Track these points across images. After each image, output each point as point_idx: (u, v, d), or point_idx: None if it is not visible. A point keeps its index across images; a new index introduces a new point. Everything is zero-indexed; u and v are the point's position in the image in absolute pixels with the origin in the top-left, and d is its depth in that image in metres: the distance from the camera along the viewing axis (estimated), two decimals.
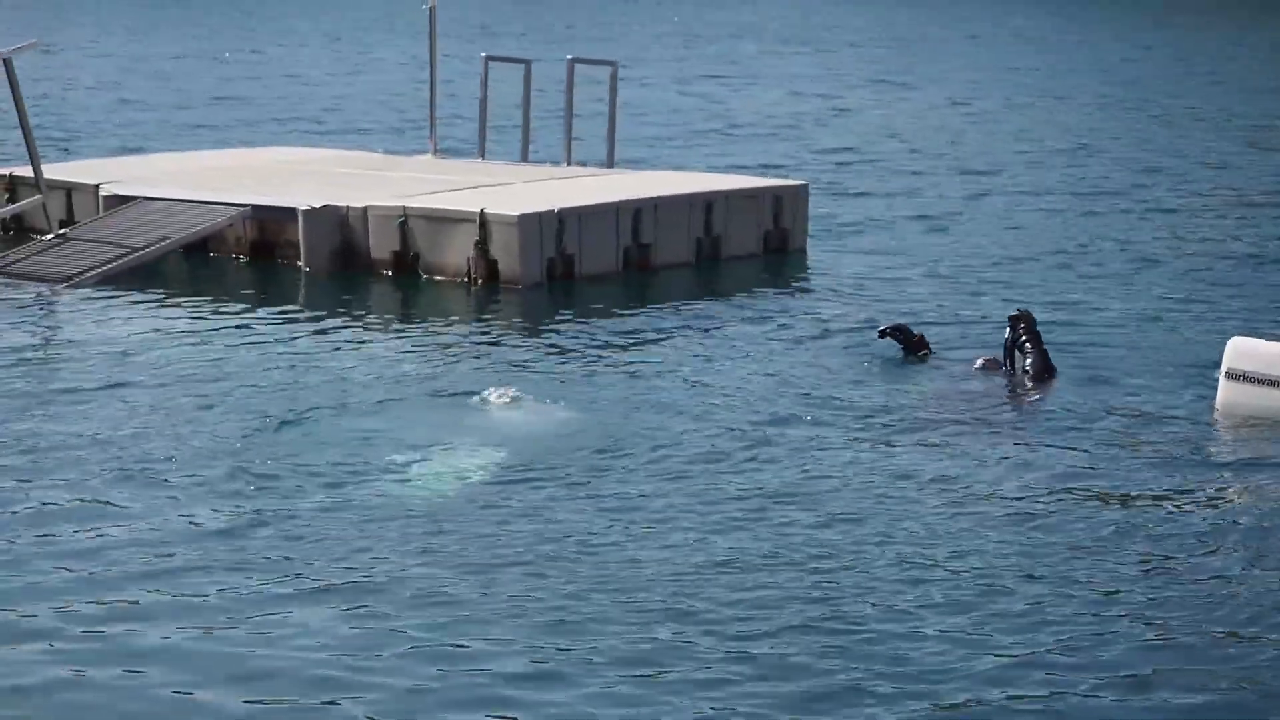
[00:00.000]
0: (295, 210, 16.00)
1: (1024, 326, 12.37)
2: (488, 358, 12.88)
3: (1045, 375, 12.22)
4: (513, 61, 19.79)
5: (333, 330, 13.74)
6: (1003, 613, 7.92)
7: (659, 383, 12.08)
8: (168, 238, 15.87)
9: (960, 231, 19.22)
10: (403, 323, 14.18)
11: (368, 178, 17.76)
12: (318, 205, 16.03)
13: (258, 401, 11.33)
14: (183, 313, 14.27)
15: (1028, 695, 7.13)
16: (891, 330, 13.01)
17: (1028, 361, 12.26)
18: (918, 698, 7.06)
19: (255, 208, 16.34)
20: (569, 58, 19.64)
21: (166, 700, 7.03)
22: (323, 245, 15.93)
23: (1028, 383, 12.16)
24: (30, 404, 11.33)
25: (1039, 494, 9.69)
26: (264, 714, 6.94)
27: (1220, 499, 9.75)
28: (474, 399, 11.39)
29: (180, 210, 16.33)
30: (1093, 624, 7.83)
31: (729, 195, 17.17)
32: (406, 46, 45.09)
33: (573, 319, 14.26)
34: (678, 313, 14.61)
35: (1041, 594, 8.16)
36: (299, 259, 15.99)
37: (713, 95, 35.65)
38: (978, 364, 12.55)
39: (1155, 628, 7.82)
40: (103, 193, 17.02)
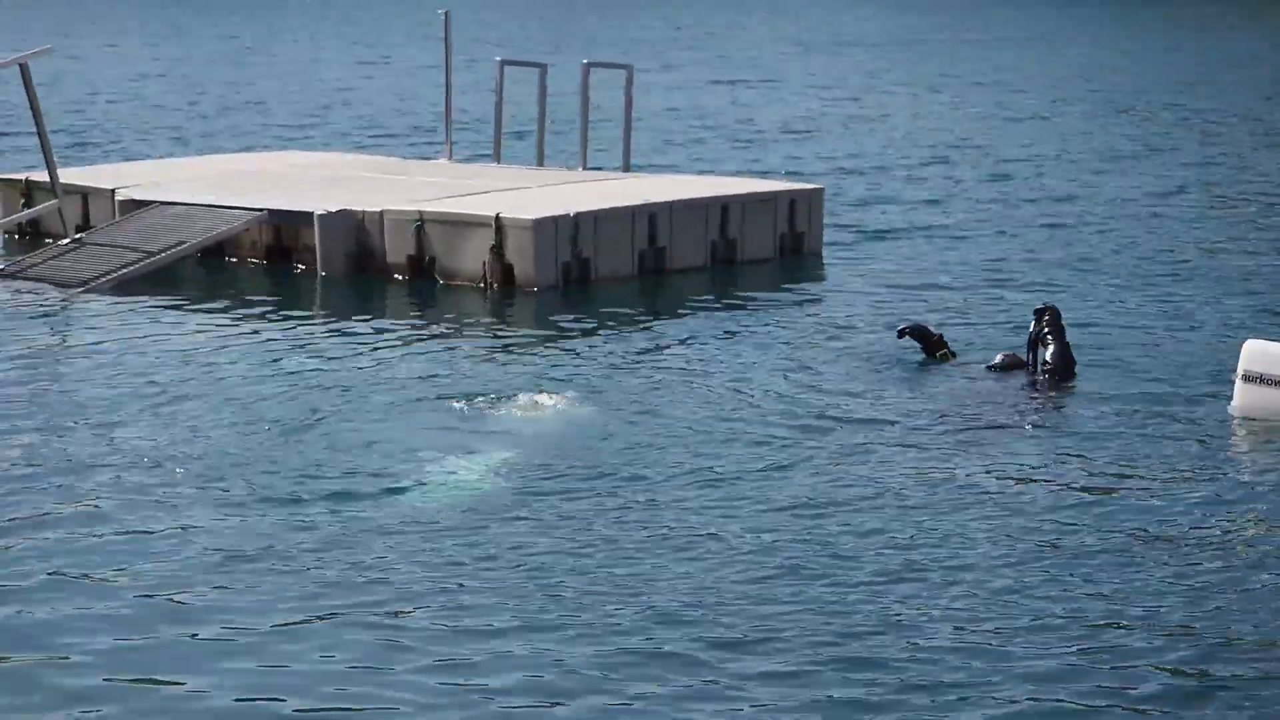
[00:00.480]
0: (311, 215, 16.00)
1: (1048, 319, 12.36)
2: (504, 362, 12.86)
3: (1064, 368, 12.21)
4: (528, 65, 19.77)
5: (348, 335, 13.72)
6: (1024, 625, 7.87)
7: (676, 387, 12.04)
8: (183, 242, 15.88)
9: (977, 234, 19.16)
10: (418, 327, 14.14)
11: (383, 182, 17.76)
12: (333, 210, 16.03)
13: (272, 407, 11.31)
14: (198, 317, 14.27)
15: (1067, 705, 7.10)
16: (911, 331, 12.97)
17: (1048, 353, 12.25)
18: (949, 709, 7.03)
19: (271, 212, 16.34)
20: (584, 61, 19.62)
21: (176, 710, 7.01)
22: (338, 250, 15.93)
23: (1046, 381, 12.13)
24: (44, 408, 11.33)
25: (1058, 500, 9.64)
26: None
27: (1237, 501, 9.70)
28: (491, 404, 11.37)
29: (196, 215, 16.34)
30: (1121, 636, 7.78)
31: (744, 198, 17.13)
32: (424, 51, 45.13)
33: (589, 323, 14.23)
34: (694, 316, 14.58)
35: (1064, 599, 8.12)
36: (315, 263, 16.00)
37: (728, 99, 35.62)
38: (997, 359, 12.52)
39: (1174, 634, 7.77)
40: (119, 197, 17.03)
